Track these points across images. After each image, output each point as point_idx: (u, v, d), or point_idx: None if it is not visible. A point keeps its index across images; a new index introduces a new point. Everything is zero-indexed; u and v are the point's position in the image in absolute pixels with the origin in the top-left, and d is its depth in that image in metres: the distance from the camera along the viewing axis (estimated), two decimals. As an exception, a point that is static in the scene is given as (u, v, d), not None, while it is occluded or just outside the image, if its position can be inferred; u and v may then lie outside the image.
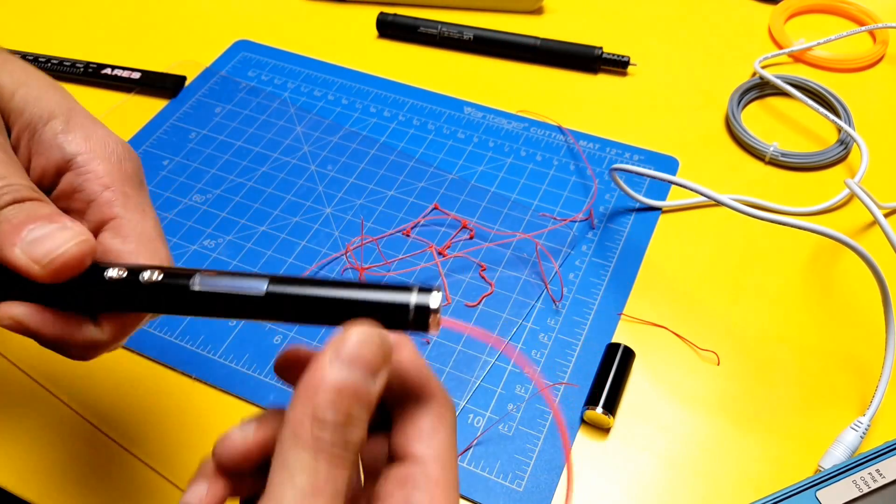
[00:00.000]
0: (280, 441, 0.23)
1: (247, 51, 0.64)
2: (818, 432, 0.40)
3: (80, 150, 0.29)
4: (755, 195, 0.51)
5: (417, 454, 0.25)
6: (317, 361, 0.23)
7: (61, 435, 0.42)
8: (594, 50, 0.61)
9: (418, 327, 0.25)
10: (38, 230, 0.25)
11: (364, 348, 0.23)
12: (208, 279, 0.25)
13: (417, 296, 0.24)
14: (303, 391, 0.23)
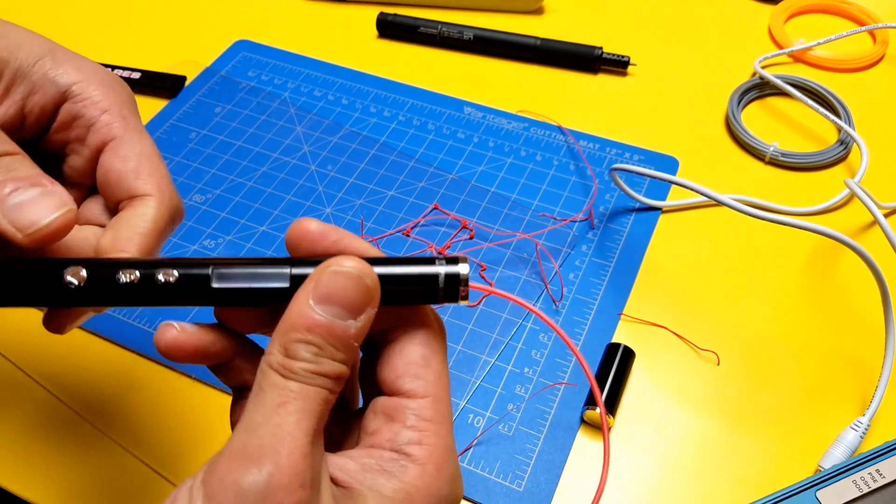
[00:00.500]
0: (258, 372, 0.23)
1: (247, 51, 0.64)
2: (818, 432, 0.40)
3: (74, 80, 0.29)
4: (755, 195, 0.51)
5: (407, 389, 0.24)
6: (296, 299, 0.23)
7: (61, 435, 0.42)
8: (594, 50, 0.61)
9: (449, 298, 0.25)
10: (20, 194, 0.25)
11: (340, 287, 0.23)
12: (225, 272, 0.24)
13: (446, 266, 0.24)
14: (280, 329, 0.23)
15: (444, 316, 0.45)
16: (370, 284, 0.23)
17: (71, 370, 0.44)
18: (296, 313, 0.23)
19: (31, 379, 0.44)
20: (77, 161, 0.30)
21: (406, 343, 0.25)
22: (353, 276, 0.23)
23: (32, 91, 0.29)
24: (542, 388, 0.42)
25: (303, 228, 0.25)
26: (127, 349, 0.45)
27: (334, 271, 0.23)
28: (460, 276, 0.24)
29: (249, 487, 0.21)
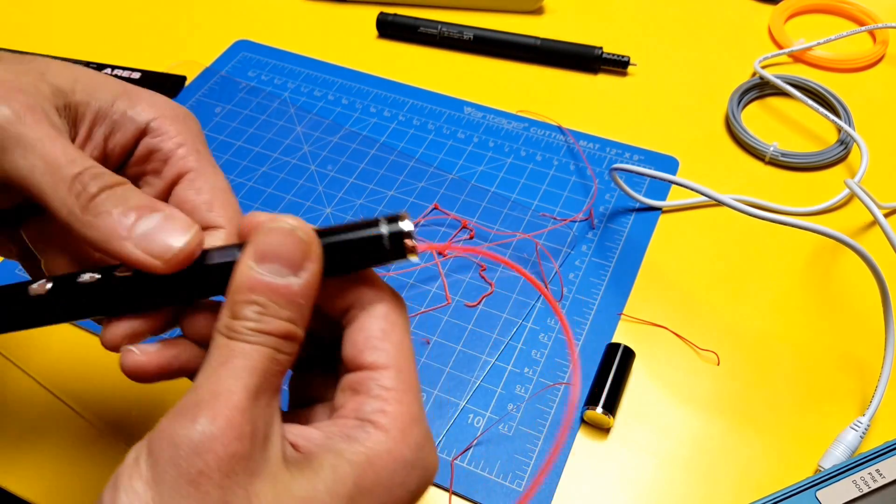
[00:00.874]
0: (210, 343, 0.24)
1: (247, 51, 0.64)
2: (818, 432, 0.40)
3: (151, 117, 0.30)
4: (755, 195, 0.51)
5: (368, 362, 0.25)
6: (237, 264, 0.24)
7: (62, 435, 0.42)
8: (594, 50, 0.61)
9: (396, 255, 0.25)
10: (146, 222, 0.25)
11: (275, 243, 0.23)
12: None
13: (388, 225, 0.25)
14: (227, 294, 0.24)
15: (444, 315, 0.45)
16: (304, 237, 0.24)
17: (71, 370, 0.44)
18: (238, 276, 0.23)
19: (31, 378, 0.44)
20: (150, 192, 0.31)
21: (364, 318, 0.25)
22: (287, 231, 0.24)
23: (113, 130, 0.30)
24: (542, 388, 0.42)
25: (253, 220, 0.25)
26: (127, 349, 0.45)
27: (269, 228, 0.24)
28: (403, 231, 0.24)
29: (184, 439, 0.21)
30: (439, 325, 0.45)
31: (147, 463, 0.22)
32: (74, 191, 0.25)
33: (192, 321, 0.26)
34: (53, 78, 0.29)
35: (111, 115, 0.30)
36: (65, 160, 0.26)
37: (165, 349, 0.26)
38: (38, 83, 0.28)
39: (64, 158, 0.26)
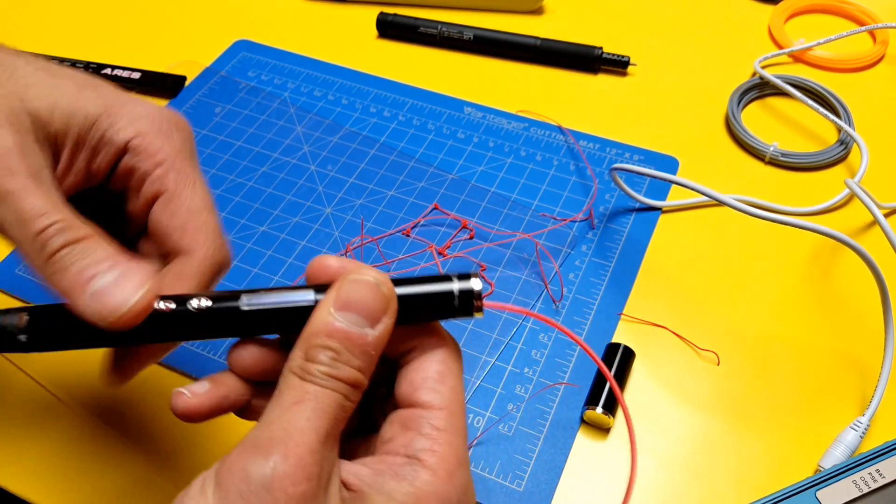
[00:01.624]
0: (279, 379, 0.24)
1: (247, 51, 0.64)
2: (818, 432, 0.40)
3: (130, 135, 0.30)
4: (755, 195, 0.51)
5: (423, 401, 0.25)
6: (318, 308, 0.25)
7: (62, 434, 0.42)
8: (594, 50, 0.61)
9: (464, 312, 0.26)
10: (100, 279, 0.25)
11: (358, 294, 0.24)
12: (254, 298, 0.26)
13: (459, 282, 0.26)
14: (303, 336, 0.24)
15: (444, 316, 0.45)
16: (386, 292, 0.25)
17: (71, 370, 0.44)
18: (317, 320, 0.24)
19: (31, 379, 0.44)
20: (134, 206, 0.31)
21: (424, 360, 0.26)
22: (371, 284, 0.25)
23: (93, 154, 0.30)
24: (542, 388, 0.42)
25: (322, 264, 0.26)
26: (127, 349, 0.45)
27: (353, 279, 0.25)
28: (474, 290, 0.26)
29: (256, 475, 0.22)
30: (439, 325, 0.45)
31: (215, 494, 0.22)
32: (37, 245, 0.26)
33: (241, 357, 0.27)
34: (32, 102, 0.28)
35: (90, 140, 0.29)
36: (33, 214, 0.26)
37: (215, 390, 0.27)
38: (19, 113, 0.28)
39: (33, 212, 0.26)
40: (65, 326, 0.26)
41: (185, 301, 0.26)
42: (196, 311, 0.25)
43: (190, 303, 0.25)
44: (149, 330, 0.26)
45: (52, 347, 0.26)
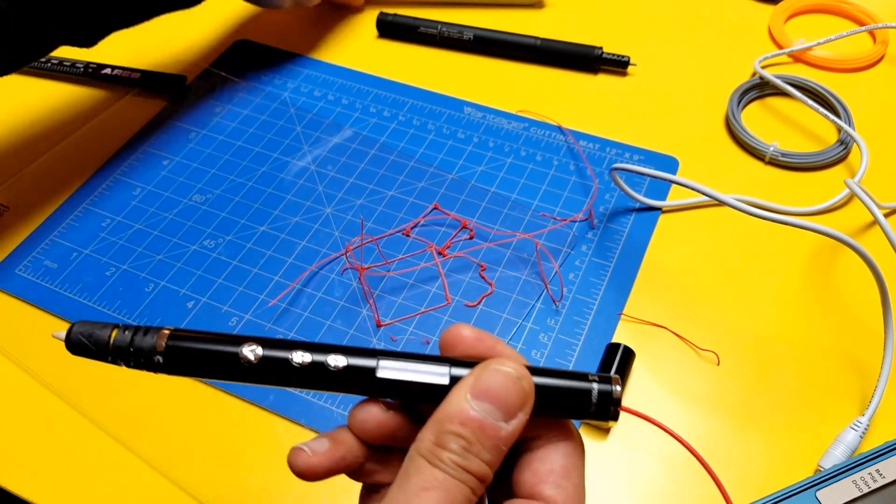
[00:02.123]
0: (406, 458, 0.24)
1: (247, 51, 0.64)
2: (818, 432, 0.40)
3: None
4: (755, 195, 0.51)
5: (546, 496, 0.25)
6: (454, 391, 0.24)
7: (62, 434, 0.42)
8: (594, 50, 0.61)
9: (599, 416, 0.25)
10: None
11: (498, 385, 0.24)
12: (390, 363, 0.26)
13: (599, 384, 0.25)
14: (436, 417, 0.24)
15: (444, 315, 0.45)
16: (527, 388, 0.24)
17: (72, 370, 0.44)
18: (453, 405, 0.24)
19: (32, 378, 0.44)
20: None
21: (550, 451, 0.26)
22: (513, 377, 0.24)
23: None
24: (542, 388, 0.42)
25: (458, 334, 0.26)
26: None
27: (495, 369, 0.24)
28: (613, 395, 0.25)
29: None
30: (439, 325, 0.45)
31: None
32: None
33: (364, 419, 0.26)
34: None
35: None
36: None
37: (334, 450, 0.26)
38: None
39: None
40: (202, 354, 0.26)
41: (323, 358, 0.25)
42: (333, 369, 0.25)
43: (327, 361, 0.25)
44: (284, 378, 0.26)
45: (186, 373, 0.26)
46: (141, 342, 0.25)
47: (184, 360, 0.26)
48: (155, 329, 0.26)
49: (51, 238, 0.50)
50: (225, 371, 0.26)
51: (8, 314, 0.47)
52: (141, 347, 0.25)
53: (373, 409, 0.26)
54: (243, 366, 0.25)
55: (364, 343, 0.44)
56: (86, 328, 0.26)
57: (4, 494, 0.40)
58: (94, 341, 0.26)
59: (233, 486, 0.39)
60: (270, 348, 0.26)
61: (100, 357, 0.26)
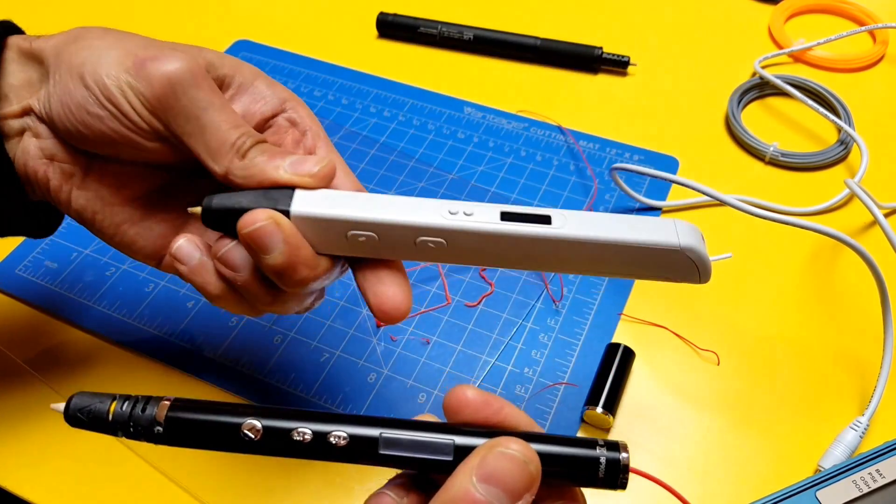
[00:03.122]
0: None
1: (247, 51, 0.64)
2: (818, 432, 0.40)
3: (286, 97, 0.35)
4: (755, 195, 0.51)
5: None
6: (459, 473, 0.24)
7: (62, 435, 0.42)
8: (594, 50, 0.61)
9: (608, 484, 0.25)
10: (289, 158, 0.31)
11: (504, 469, 0.24)
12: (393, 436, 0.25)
13: (607, 452, 0.25)
14: (440, 498, 0.23)
15: (444, 315, 0.45)
16: (533, 472, 0.24)
17: (72, 368, 0.44)
18: (458, 487, 0.23)
19: (33, 376, 0.44)
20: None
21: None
22: (519, 461, 0.24)
23: (254, 101, 0.34)
24: (541, 388, 0.42)
25: (462, 397, 0.26)
26: (127, 350, 0.45)
27: (500, 453, 0.24)
28: (621, 462, 0.25)
29: None
30: (439, 325, 0.45)
31: None
32: (237, 147, 0.31)
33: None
34: (206, 56, 0.33)
35: (252, 88, 0.34)
36: (230, 125, 0.31)
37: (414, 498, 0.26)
38: (197, 57, 0.32)
39: (229, 123, 0.31)
40: (203, 426, 0.26)
41: (326, 434, 0.25)
42: (335, 445, 0.25)
43: (329, 438, 0.25)
44: (285, 451, 0.26)
45: (187, 444, 0.26)
46: (140, 417, 0.26)
47: (184, 432, 0.26)
48: (155, 399, 0.26)
49: (51, 238, 0.50)
50: (226, 444, 0.26)
51: (8, 314, 0.47)
52: (139, 422, 0.26)
53: (384, 500, 0.26)
54: (244, 440, 0.25)
55: (364, 343, 0.44)
56: (84, 401, 0.26)
57: (4, 494, 0.40)
58: (92, 417, 0.26)
59: (233, 486, 0.39)
60: (272, 419, 0.25)
61: (99, 430, 0.26)
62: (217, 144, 0.30)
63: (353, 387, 0.43)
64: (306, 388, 0.43)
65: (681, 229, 0.31)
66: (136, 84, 0.30)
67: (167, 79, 0.30)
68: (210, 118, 0.30)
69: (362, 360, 0.44)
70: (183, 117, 0.30)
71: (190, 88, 0.30)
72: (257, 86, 0.34)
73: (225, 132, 0.30)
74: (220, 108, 0.31)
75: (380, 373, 0.43)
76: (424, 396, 0.42)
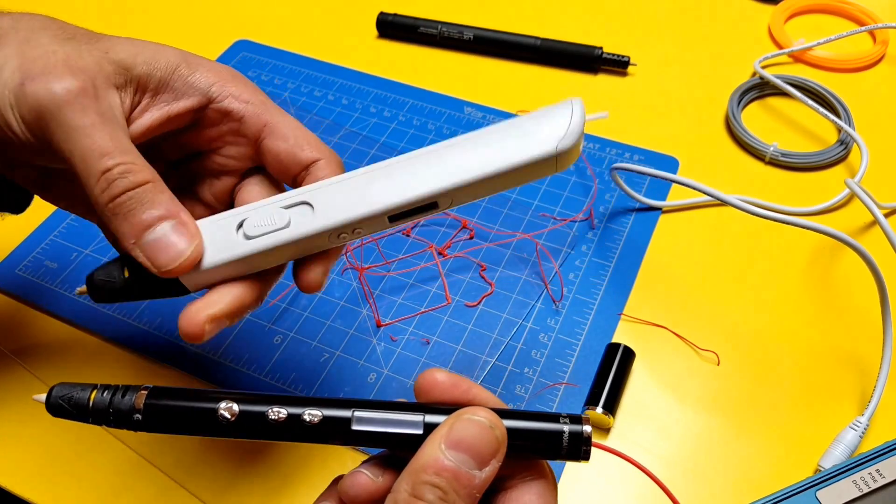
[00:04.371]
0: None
1: (247, 51, 0.64)
2: (818, 432, 0.40)
3: (211, 82, 0.33)
4: (755, 195, 0.51)
5: None
6: (428, 441, 0.25)
7: (63, 434, 0.42)
8: (594, 50, 0.61)
9: (571, 456, 0.26)
10: (156, 230, 0.29)
11: (471, 435, 0.24)
12: (365, 414, 0.26)
13: (570, 425, 0.26)
14: (411, 467, 0.24)
15: (444, 315, 0.45)
16: (499, 437, 0.25)
17: (73, 368, 0.44)
18: (427, 455, 0.24)
19: (33, 376, 0.44)
20: (234, 150, 0.34)
21: (524, 491, 0.26)
22: (485, 427, 0.25)
23: (176, 97, 0.32)
24: (542, 388, 0.42)
25: (432, 379, 0.27)
26: (126, 349, 0.45)
27: (468, 419, 0.25)
28: (583, 435, 0.26)
29: None
30: (439, 325, 0.45)
31: None
32: (101, 186, 0.28)
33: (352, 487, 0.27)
34: (116, 54, 0.31)
35: (172, 83, 0.32)
36: (99, 153, 0.28)
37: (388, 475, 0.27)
38: (101, 61, 0.30)
39: (99, 151, 0.28)
40: (180, 411, 0.26)
41: (299, 412, 0.26)
42: (308, 423, 0.26)
43: (303, 416, 0.26)
44: (261, 432, 0.26)
45: (165, 430, 0.26)
46: (119, 403, 0.26)
47: (162, 418, 0.26)
48: (134, 388, 0.27)
49: (51, 238, 0.50)
50: (203, 428, 0.26)
51: (8, 314, 0.47)
52: (119, 408, 0.26)
53: (361, 478, 0.26)
54: (221, 423, 0.26)
55: (364, 343, 0.44)
56: (65, 391, 0.26)
57: (4, 494, 0.40)
58: (73, 404, 0.26)
59: (233, 486, 0.40)
60: (247, 404, 0.26)
61: (80, 418, 0.26)
62: (87, 173, 0.29)
63: (353, 387, 0.43)
64: (306, 388, 0.43)
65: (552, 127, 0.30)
66: (17, 104, 0.29)
67: (38, 102, 0.29)
68: (82, 144, 0.29)
69: (362, 360, 0.44)
70: (57, 140, 0.29)
71: (63, 111, 0.29)
72: (177, 79, 0.32)
73: (96, 160, 0.29)
74: (91, 134, 0.29)
75: (380, 373, 0.43)
76: (424, 396, 0.42)
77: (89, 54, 0.30)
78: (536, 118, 0.30)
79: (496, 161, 0.29)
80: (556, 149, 0.29)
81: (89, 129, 0.29)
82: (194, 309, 0.30)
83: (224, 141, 0.34)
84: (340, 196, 0.31)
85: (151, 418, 0.26)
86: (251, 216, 0.31)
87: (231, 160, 0.35)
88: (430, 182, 0.30)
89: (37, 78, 0.29)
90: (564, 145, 0.29)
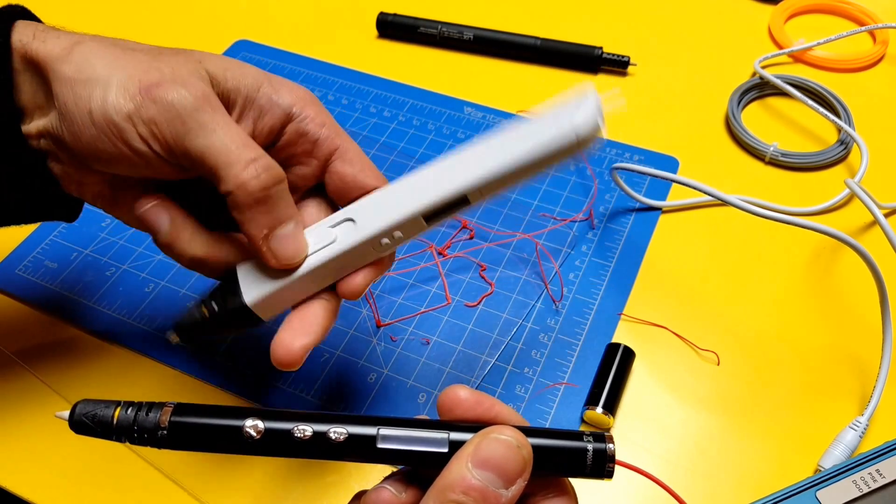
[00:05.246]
0: None
1: (247, 51, 0.64)
2: (818, 432, 0.40)
3: (292, 101, 0.34)
4: (755, 195, 0.51)
5: None
6: (455, 460, 0.25)
7: (63, 434, 0.42)
8: (594, 50, 0.61)
9: (594, 474, 0.26)
10: (288, 226, 0.32)
11: (498, 454, 0.25)
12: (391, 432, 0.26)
13: (594, 443, 0.26)
14: (438, 485, 0.24)
15: (444, 315, 0.45)
16: (526, 456, 0.25)
17: (73, 368, 0.44)
18: (455, 473, 0.24)
19: (33, 376, 0.44)
20: (304, 171, 0.35)
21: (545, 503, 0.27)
22: (512, 446, 0.25)
23: (261, 114, 0.34)
24: (542, 388, 0.42)
25: (455, 396, 0.27)
26: (127, 349, 0.45)
27: (494, 438, 0.25)
28: (607, 453, 0.26)
29: None
30: (439, 325, 0.45)
31: None
32: (250, 172, 0.30)
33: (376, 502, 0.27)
34: (207, 66, 0.33)
35: (258, 100, 0.34)
36: (241, 143, 0.31)
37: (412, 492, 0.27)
38: (201, 71, 0.32)
39: (240, 142, 0.31)
40: (205, 429, 0.26)
41: (326, 431, 0.26)
42: (334, 441, 0.26)
43: (329, 434, 0.26)
44: (287, 450, 0.26)
45: (190, 447, 0.27)
46: (144, 421, 0.26)
47: (187, 435, 0.26)
48: (158, 405, 0.27)
49: (51, 238, 0.50)
50: (228, 445, 0.26)
51: (8, 314, 0.47)
52: (144, 426, 0.26)
53: (384, 494, 0.27)
54: (246, 440, 0.26)
55: (364, 343, 0.44)
56: (88, 408, 0.27)
57: (4, 494, 0.40)
58: (97, 422, 0.26)
59: (233, 486, 0.40)
60: (272, 420, 0.26)
61: (103, 436, 0.26)
62: (228, 161, 0.30)
63: (353, 387, 0.43)
64: (307, 388, 0.43)
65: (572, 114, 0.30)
66: (143, 112, 0.30)
67: (171, 105, 0.30)
68: (221, 137, 0.30)
69: (362, 360, 0.44)
70: (190, 138, 0.30)
71: (199, 111, 0.30)
72: (262, 96, 0.34)
73: (240, 150, 0.31)
74: (228, 130, 0.31)
75: (380, 373, 0.43)
76: (424, 396, 0.42)
77: (185, 65, 0.32)
78: (551, 106, 0.31)
79: (519, 151, 0.30)
80: (576, 124, 0.30)
81: (224, 127, 0.31)
82: (287, 339, 0.32)
83: (297, 160, 0.35)
84: (378, 207, 0.33)
85: (177, 436, 0.26)
86: None
87: (299, 179, 0.36)
88: (458, 179, 0.31)
89: (162, 85, 0.30)
90: (582, 119, 0.30)
